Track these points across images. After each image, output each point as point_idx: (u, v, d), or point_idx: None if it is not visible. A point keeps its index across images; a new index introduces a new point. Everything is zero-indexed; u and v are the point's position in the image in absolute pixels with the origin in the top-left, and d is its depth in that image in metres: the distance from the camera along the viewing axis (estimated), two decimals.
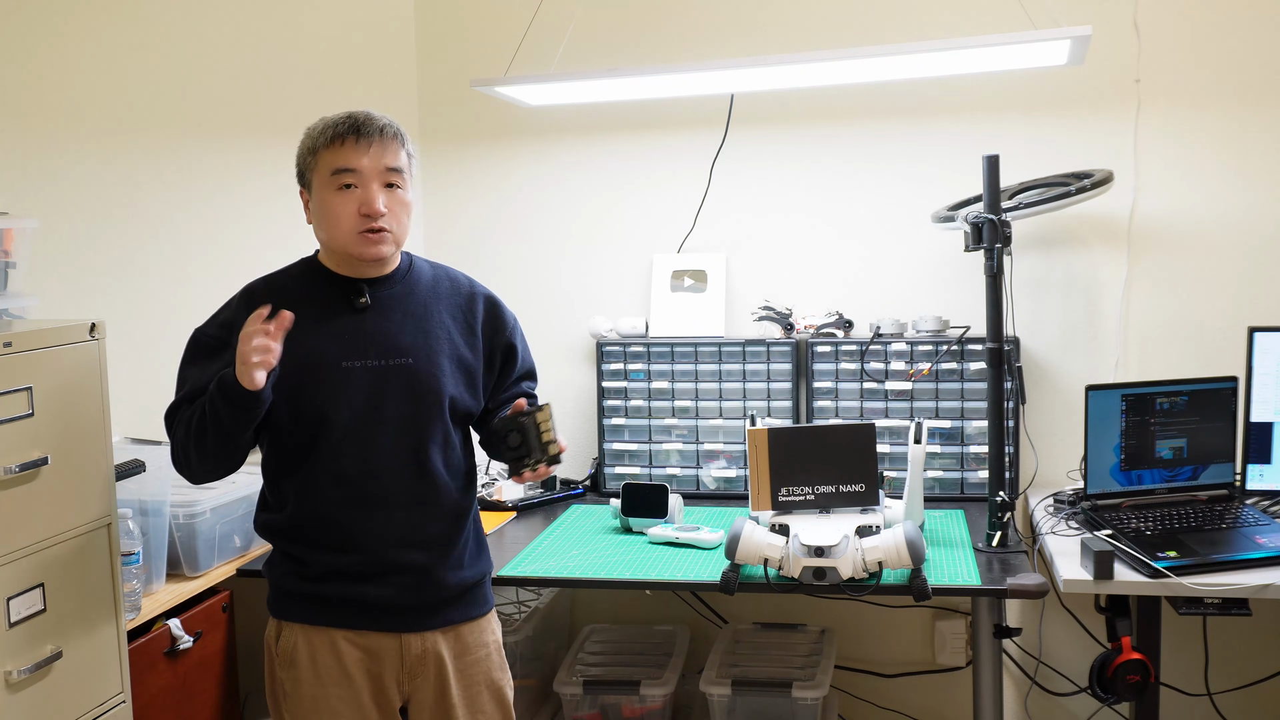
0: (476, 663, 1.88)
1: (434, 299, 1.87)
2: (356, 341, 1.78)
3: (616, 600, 3.02)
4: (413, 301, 1.85)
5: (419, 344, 1.82)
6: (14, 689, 1.56)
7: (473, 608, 1.89)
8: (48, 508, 1.62)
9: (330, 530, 1.79)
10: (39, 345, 1.62)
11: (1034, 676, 2.80)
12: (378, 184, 1.74)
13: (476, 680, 1.88)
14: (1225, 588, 2.00)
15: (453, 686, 1.85)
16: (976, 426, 2.65)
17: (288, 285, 1.82)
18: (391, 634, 1.81)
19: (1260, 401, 2.38)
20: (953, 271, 2.75)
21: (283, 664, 1.82)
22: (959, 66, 2.35)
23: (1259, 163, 2.59)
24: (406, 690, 1.84)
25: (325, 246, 1.83)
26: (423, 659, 1.83)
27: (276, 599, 1.85)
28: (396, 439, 1.79)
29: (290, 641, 1.81)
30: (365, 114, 1.76)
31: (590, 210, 2.99)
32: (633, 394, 2.85)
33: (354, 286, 1.81)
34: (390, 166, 1.75)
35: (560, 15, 2.77)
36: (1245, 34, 2.57)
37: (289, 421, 1.77)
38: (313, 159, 1.77)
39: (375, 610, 1.80)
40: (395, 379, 1.79)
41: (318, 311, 1.78)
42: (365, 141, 1.73)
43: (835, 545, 1.97)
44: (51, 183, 2.11)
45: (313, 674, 1.80)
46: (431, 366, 1.81)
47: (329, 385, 1.76)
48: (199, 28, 2.45)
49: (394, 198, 1.77)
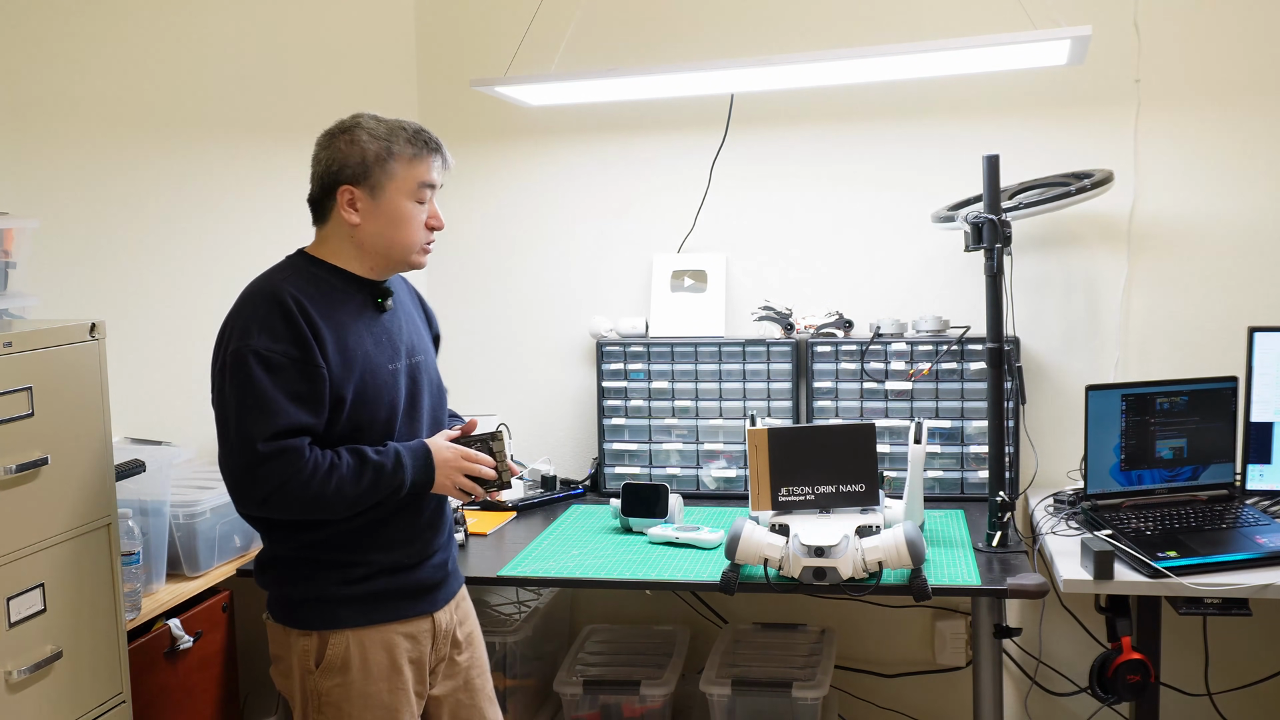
0: (473, 625, 2.02)
1: (406, 297, 1.98)
2: (389, 343, 1.83)
3: (616, 600, 3.02)
4: (403, 300, 1.95)
5: (421, 341, 1.94)
6: (14, 689, 1.56)
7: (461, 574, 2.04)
8: (48, 508, 1.63)
9: (382, 529, 1.80)
10: (39, 345, 1.62)
11: (1034, 676, 2.80)
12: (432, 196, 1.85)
13: (475, 638, 2.02)
14: (1225, 588, 2.00)
15: (462, 651, 1.97)
16: (976, 426, 2.65)
17: (319, 290, 1.76)
18: (427, 615, 1.89)
19: (1260, 401, 2.38)
20: (953, 271, 2.75)
21: (327, 673, 1.78)
22: (959, 66, 2.36)
23: (1259, 163, 2.59)
24: (435, 666, 1.93)
25: (375, 250, 1.80)
26: (448, 631, 1.94)
27: (320, 612, 1.78)
28: (430, 431, 1.90)
29: (340, 648, 1.78)
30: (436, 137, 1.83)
31: (590, 210, 2.99)
32: (633, 394, 2.85)
33: (380, 289, 1.85)
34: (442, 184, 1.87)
35: (560, 15, 2.77)
36: (1245, 34, 2.57)
37: (350, 429, 1.74)
38: (390, 164, 1.76)
39: (419, 595, 1.87)
40: (419, 376, 1.89)
41: (357, 316, 1.79)
42: (446, 160, 1.84)
43: (835, 545, 1.97)
44: (51, 183, 2.11)
45: (363, 674, 1.79)
46: (432, 360, 1.96)
47: (384, 386, 1.79)
48: (199, 28, 2.45)
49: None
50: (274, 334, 1.68)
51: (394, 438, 1.80)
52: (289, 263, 1.82)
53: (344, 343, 1.73)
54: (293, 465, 1.66)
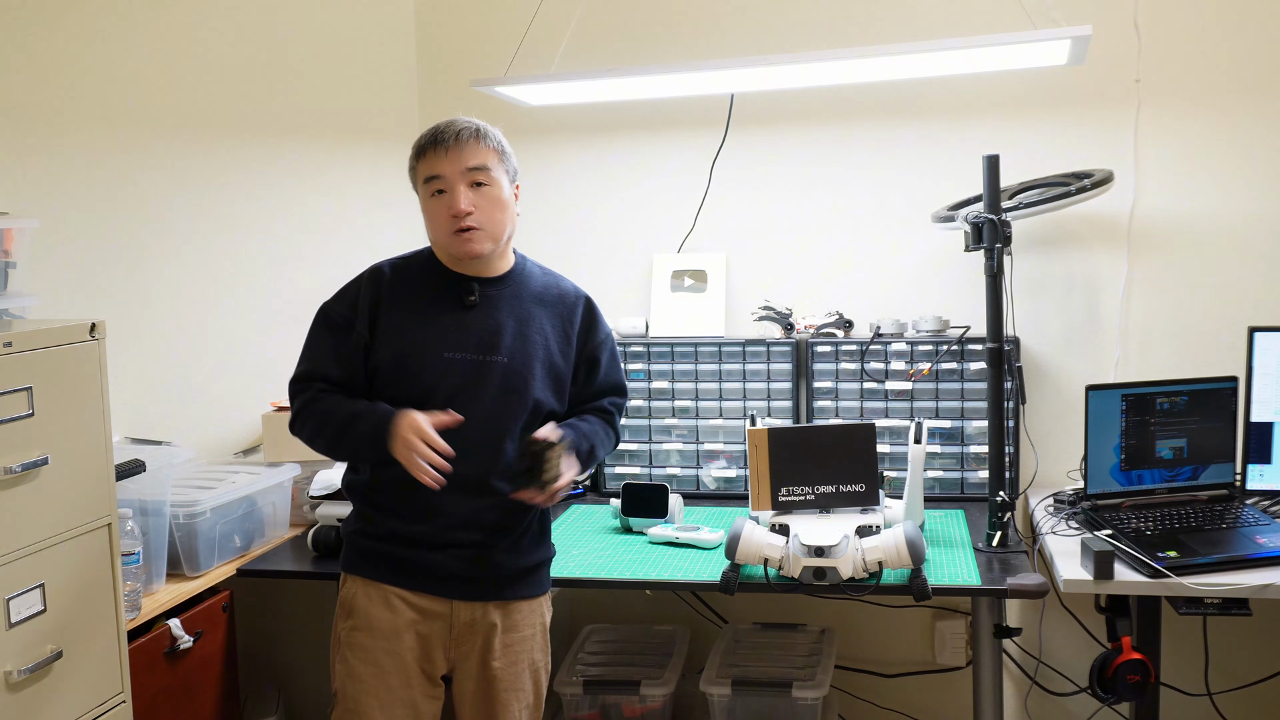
0: (523, 640, 1.96)
1: (538, 304, 1.98)
2: (460, 335, 1.91)
3: (616, 600, 3.02)
4: (518, 304, 1.96)
5: (516, 345, 1.93)
6: (14, 689, 1.56)
7: (525, 588, 1.98)
8: (48, 508, 1.63)
9: (403, 500, 1.89)
10: (39, 345, 1.62)
11: (1034, 676, 2.80)
12: (463, 185, 1.87)
13: (520, 658, 1.96)
14: (1225, 588, 2.00)
15: (496, 658, 1.93)
16: (976, 426, 2.65)
17: (410, 273, 1.96)
18: (444, 599, 1.91)
19: (1260, 401, 2.38)
20: (953, 271, 2.75)
21: (342, 613, 1.94)
22: (959, 66, 2.36)
23: (1259, 163, 2.59)
24: (453, 657, 1.94)
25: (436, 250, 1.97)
26: (471, 628, 1.92)
27: (346, 553, 1.97)
28: (481, 429, 1.88)
29: (351, 592, 1.93)
30: (447, 122, 1.90)
31: (590, 210, 2.99)
32: (633, 394, 2.85)
33: (466, 285, 1.93)
34: (471, 166, 1.88)
35: (560, 15, 2.77)
36: (1245, 34, 2.57)
37: (388, 398, 1.89)
38: (414, 173, 1.93)
39: (430, 575, 1.90)
40: (489, 374, 1.90)
41: (430, 303, 1.92)
42: (443, 147, 1.87)
43: (835, 545, 1.97)
44: (51, 183, 2.11)
45: (366, 625, 1.90)
46: (524, 368, 1.92)
47: (429, 371, 1.88)
48: (199, 28, 2.45)
49: (482, 195, 1.89)
50: (341, 296, 1.94)
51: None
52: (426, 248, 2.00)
53: (402, 321, 1.89)
54: (300, 399, 1.91)
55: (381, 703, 1.88)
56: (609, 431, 2.05)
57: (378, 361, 1.90)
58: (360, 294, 1.92)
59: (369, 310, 1.91)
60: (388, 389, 1.89)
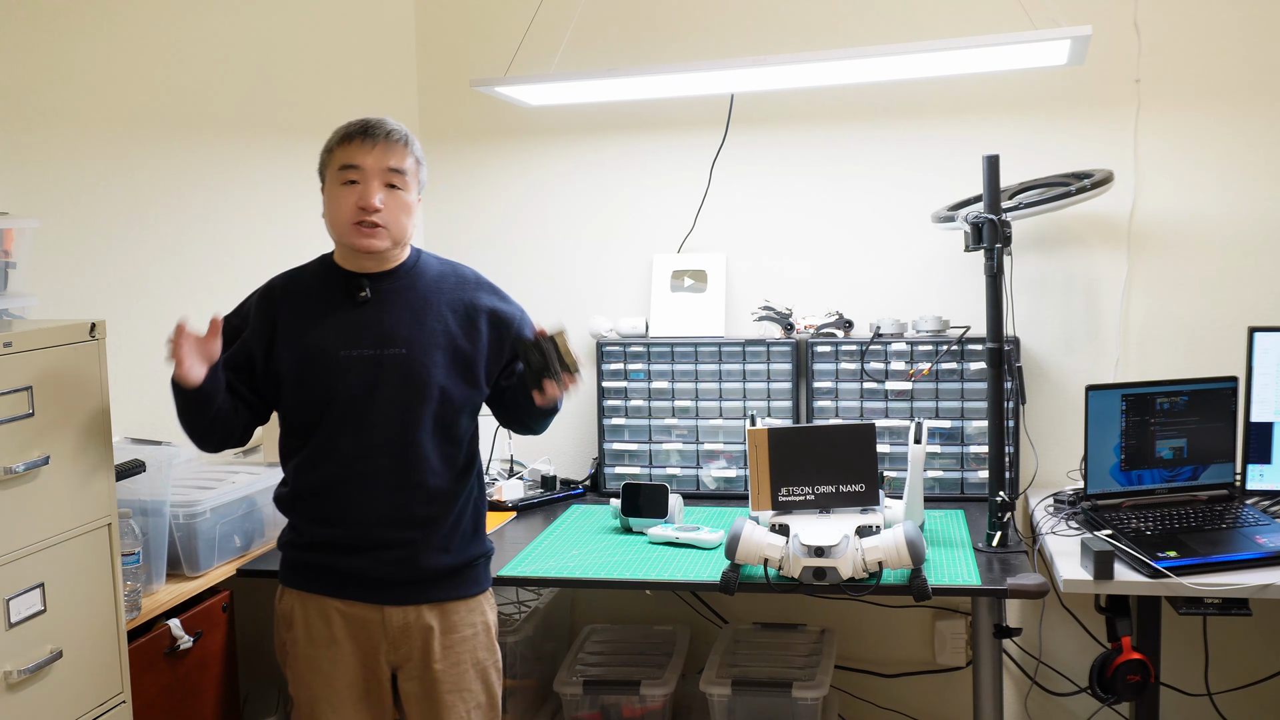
0: (463, 640, 1.96)
1: (436, 293, 1.97)
2: (355, 332, 1.91)
3: (616, 600, 3.02)
4: (413, 295, 1.95)
5: (413, 335, 1.92)
6: (14, 689, 1.56)
7: (460, 588, 1.97)
8: (48, 508, 1.62)
9: (323, 504, 1.92)
10: (39, 345, 1.62)
11: (1034, 676, 2.80)
12: (378, 182, 1.87)
13: (463, 658, 1.96)
14: (1225, 588, 2.00)
15: (437, 660, 1.94)
16: (976, 426, 2.65)
17: (303, 281, 1.98)
18: (374, 605, 1.92)
19: (1260, 401, 2.38)
20: (953, 271, 2.75)
21: (281, 625, 1.98)
22: (959, 66, 2.35)
23: (1259, 163, 2.59)
24: (393, 659, 1.95)
25: (333, 238, 1.96)
26: (405, 631, 1.92)
27: (281, 565, 2.01)
28: (388, 423, 1.89)
29: (288, 605, 1.97)
30: (379, 119, 1.91)
31: (590, 210, 2.99)
32: (633, 394, 2.85)
33: (356, 281, 1.93)
34: (392, 167, 1.88)
35: (560, 15, 2.77)
36: (1245, 34, 2.57)
37: (295, 404, 1.93)
38: (328, 156, 1.92)
39: (359, 581, 1.92)
40: (389, 367, 1.90)
41: (325, 305, 1.94)
42: (370, 141, 1.87)
43: (835, 545, 1.97)
44: (51, 183, 2.11)
45: (306, 636, 1.94)
46: (424, 357, 1.91)
47: (329, 372, 1.89)
48: (199, 28, 2.45)
49: (393, 197, 1.89)
50: (238, 311, 1.99)
51: (336, 419, 1.89)
52: (317, 258, 2.01)
53: (299, 328, 1.91)
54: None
55: (334, 706, 1.93)
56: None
57: (282, 371, 1.91)
58: (252, 309, 1.96)
59: (264, 325, 1.92)
60: (293, 394, 1.91)
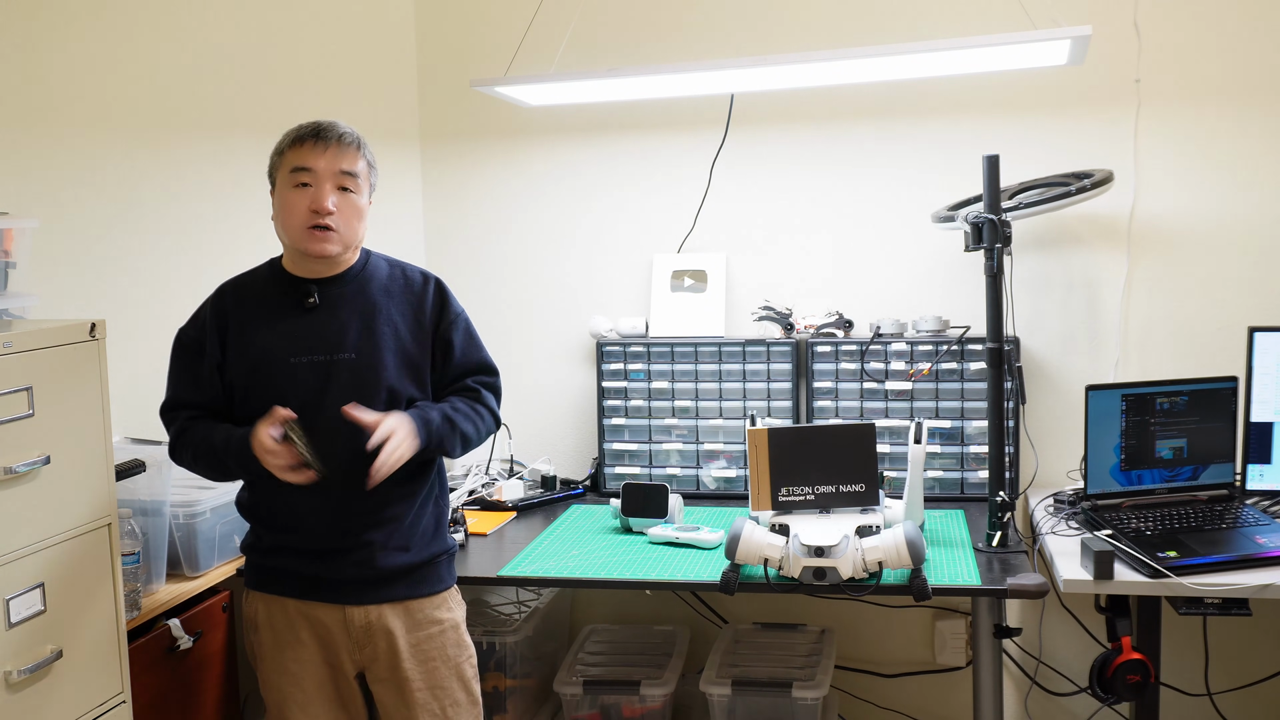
0: (430, 638, 1.97)
1: (385, 296, 1.97)
2: (304, 338, 1.91)
3: (616, 600, 3.02)
4: (362, 299, 1.95)
5: (363, 340, 1.92)
6: (14, 689, 1.56)
7: (422, 586, 1.97)
8: (48, 508, 1.62)
9: (279, 509, 1.93)
10: (39, 345, 1.62)
11: (1034, 676, 2.80)
12: (330, 185, 1.87)
13: (432, 656, 1.97)
14: (1225, 588, 2.00)
15: (405, 659, 1.94)
16: (976, 426, 2.65)
17: (252, 286, 1.98)
18: (335, 605, 1.93)
19: (1260, 401, 2.38)
20: (953, 271, 2.75)
21: (249, 628, 2.00)
22: (959, 66, 2.35)
23: (1259, 163, 2.59)
24: (358, 660, 1.96)
25: (282, 243, 1.96)
26: (368, 631, 1.93)
27: (245, 569, 2.03)
28: (339, 427, 1.84)
29: (253, 608, 1.99)
30: (330, 121, 1.90)
31: (590, 210, 2.99)
32: (633, 394, 2.85)
33: (304, 287, 1.94)
34: (344, 170, 1.88)
35: (560, 15, 2.77)
36: (1245, 34, 2.57)
37: (247, 412, 1.90)
38: (278, 159, 1.91)
39: (318, 583, 1.93)
40: (338, 372, 1.90)
41: (273, 311, 1.94)
42: (323, 144, 1.87)
43: (835, 545, 1.97)
44: (51, 183, 2.10)
45: (271, 638, 1.96)
46: (374, 360, 1.92)
47: (279, 379, 1.90)
48: (199, 28, 2.45)
49: (345, 200, 1.89)
50: (193, 320, 1.97)
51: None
52: (264, 263, 2.01)
53: (249, 336, 1.91)
54: (172, 431, 1.94)
55: (302, 707, 1.94)
56: (476, 408, 1.98)
57: (234, 379, 1.92)
58: (207, 315, 1.95)
59: (217, 331, 1.93)
60: (245, 403, 1.90)
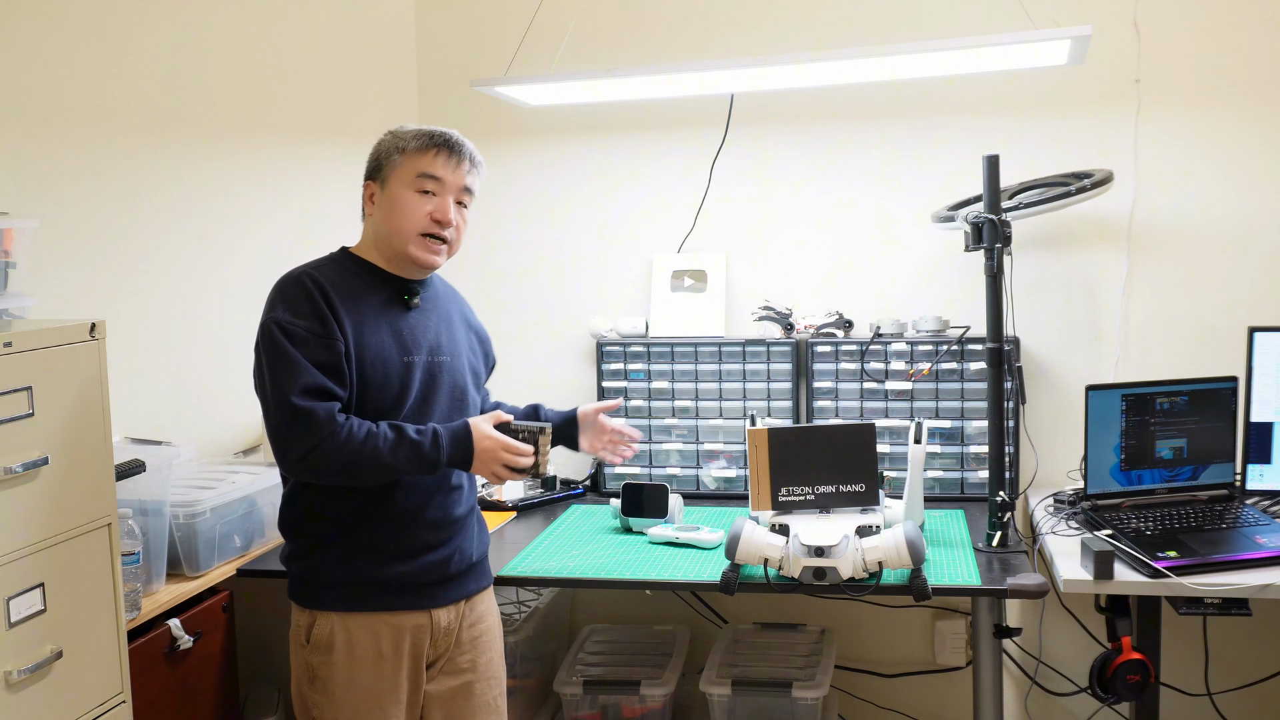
0: (488, 630, 2.02)
1: (450, 304, 2.04)
2: (410, 338, 1.91)
3: (616, 600, 3.02)
4: (440, 305, 2.00)
5: (452, 344, 1.97)
6: (14, 689, 1.56)
7: (484, 579, 2.04)
8: (48, 508, 1.62)
9: (384, 517, 1.87)
10: (39, 345, 1.62)
11: (1034, 676, 2.80)
12: (453, 199, 1.90)
13: (489, 645, 2.01)
14: (1225, 588, 2.00)
15: (465, 651, 1.97)
16: (976, 426, 2.65)
17: (341, 279, 1.87)
18: (423, 610, 1.90)
19: (1260, 401, 2.38)
20: (953, 271, 2.75)
21: (315, 650, 1.87)
22: (959, 66, 2.36)
23: (1259, 163, 2.59)
24: (431, 658, 1.94)
25: (383, 241, 1.91)
26: (448, 631, 1.94)
27: (309, 591, 1.89)
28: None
29: (325, 629, 1.86)
30: (458, 136, 1.91)
31: (590, 210, 2.99)
32: (633, 394, 2.85)
33: (406, 286, 1.93)
34: (466, 186, 1.91)
35: (560, 15, 2.77)
36: (1245, 34, 2.57)
37: (359, 408, 1.84)
38: (398, 157, 1.88)
39: (408, 590, 1.89)
40: (440, 374, 1.93)
41: (375, 308, 1.89)
42: (456, 158, 1.89)
43: (835, 545, 1.97)
44: (51, 183, 2.11)
45: (348, 656, 1.86)
46: (460, 364, 1.98)
47: (394, 377, 1.86)
48: (199, 28, 2.45)
49: (461, 215, 1.92)
50: (295, 310, 1.80)
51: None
52: (327, 256, 1.94)
53: (359, 329, 1.84)
54: (326, 427, 1.75)
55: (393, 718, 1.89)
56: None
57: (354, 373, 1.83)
58: (316, 305, 1.80)
59: (335, 322, 1.80)
60: (362, 399, 1.83)
